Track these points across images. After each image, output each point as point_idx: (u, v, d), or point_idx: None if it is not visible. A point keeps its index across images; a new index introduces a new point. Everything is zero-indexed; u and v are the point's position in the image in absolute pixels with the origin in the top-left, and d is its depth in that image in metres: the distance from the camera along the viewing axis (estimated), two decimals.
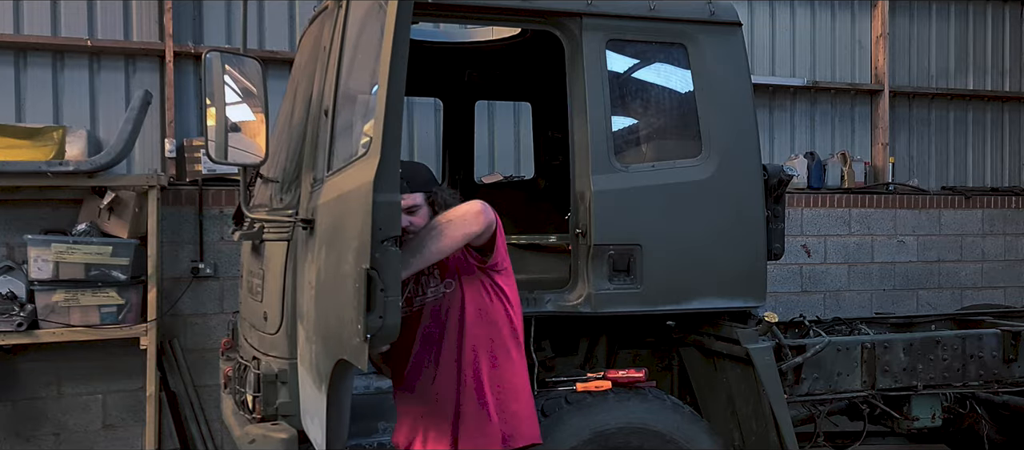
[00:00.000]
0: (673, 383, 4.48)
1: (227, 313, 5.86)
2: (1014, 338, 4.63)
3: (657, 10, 3.92)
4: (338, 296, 2.66)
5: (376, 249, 2.49)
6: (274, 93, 4.87)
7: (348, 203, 2.66)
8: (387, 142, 2.54)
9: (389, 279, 2.52)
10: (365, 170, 2.56)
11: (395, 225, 2.55)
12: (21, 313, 5.23)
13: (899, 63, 8.20)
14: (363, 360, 2.52)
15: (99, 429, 5.83)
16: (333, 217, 2.79)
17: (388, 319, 2.52)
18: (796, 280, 7.56)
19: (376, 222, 2.50)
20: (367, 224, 2.49)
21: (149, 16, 6.12)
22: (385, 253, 2.52)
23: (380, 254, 2.50)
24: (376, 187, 2.50)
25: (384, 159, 2.52)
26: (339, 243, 2.70)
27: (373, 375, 3.60)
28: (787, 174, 4.34)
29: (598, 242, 3.74)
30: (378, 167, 2.51)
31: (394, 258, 2.54)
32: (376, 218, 2.49)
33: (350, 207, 2.63)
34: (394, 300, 2.54)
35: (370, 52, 2.93)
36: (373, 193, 2.50)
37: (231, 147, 3.26)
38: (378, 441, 3.52)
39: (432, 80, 5.63)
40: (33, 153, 5.47)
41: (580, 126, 3.81)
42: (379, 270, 2.50)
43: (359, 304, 2.49)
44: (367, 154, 2.62)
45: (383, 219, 2.51)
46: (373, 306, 2.48)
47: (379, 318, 2.49)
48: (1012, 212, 8.33)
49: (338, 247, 2.71)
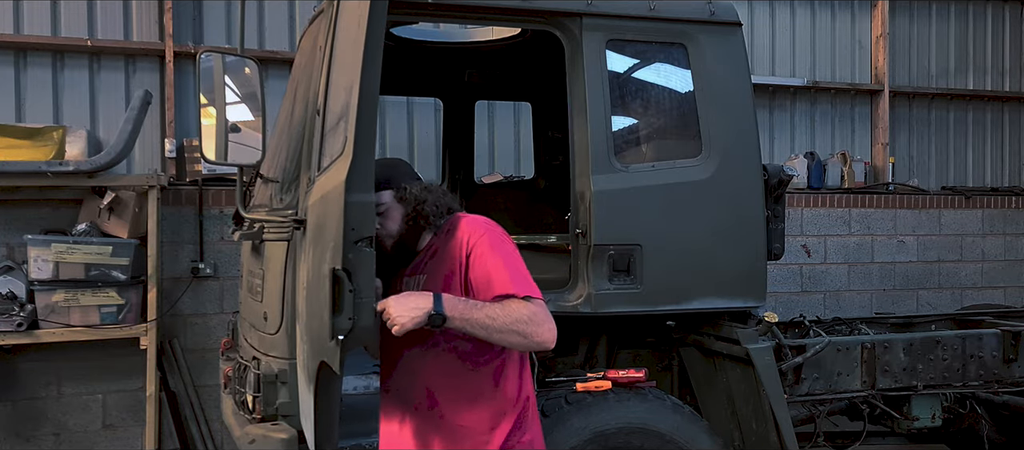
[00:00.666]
0: (673, 383, 4.47)
1: (227, 313, 5.86)
2: (1014, 338, 4.63)
3: (657, 10, 3.92)
4: (319, 296, 2.66)
5: (349, 250, 2.48)
6: (274, 93, 4.89)
7: (327, 203, 2.66)
8: (359, 142, 2.53)
9: (362, 281, 2.50)
10: (339, 170, 2.56)
11: (368, 225, 2.53)
12: (21, 313, 5.23)
13: (899, 63, 8.20)
14: (336, 362, 2.51)
15: (99, 429, 5.83)
16: (316, 217, 2.79)
17: (359, 321, 2.50)
18: (796, 280, 7.56)
19: (349, 222, 2.49)
20: (340, 224, 2.48)
21: (149, 16, 6.12)
22: (358, 254, 2.50)
23: (353, 255, 2.49)
24: (348, 187, 2.49)
25: (356, 159, 2.51)
26: (320, 243, 2.71)
27: (373, 375, 3.60)
28: (787, 174, 4.34)
29: (598, 242, 3.74)
30: (350, 167, 2.50)
31: (367, 259, 2.52)
32: (348, 218, 2.49)
33: (328, 207, 2.63)
34: (367, 302, 2.51)
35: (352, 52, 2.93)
36: (345, 193, 2.49)
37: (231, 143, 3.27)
38: (375, 441, 3.52)
39: (432, 80, 5.63)
40: (33, 153, 5.47)
41: (580, 126, 3.81)
42: (351, 271, 2.48)
43: (329, 305, 2.48)
44: (341, 154, 2.62)
45: (356, 219, 2.50)
46: (341, 308, 2.47)
47: (349, 320, 2.47)
48: (1012, 212, 8.33)
49: (320, 247, 2.71)
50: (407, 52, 5.12)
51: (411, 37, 5.10)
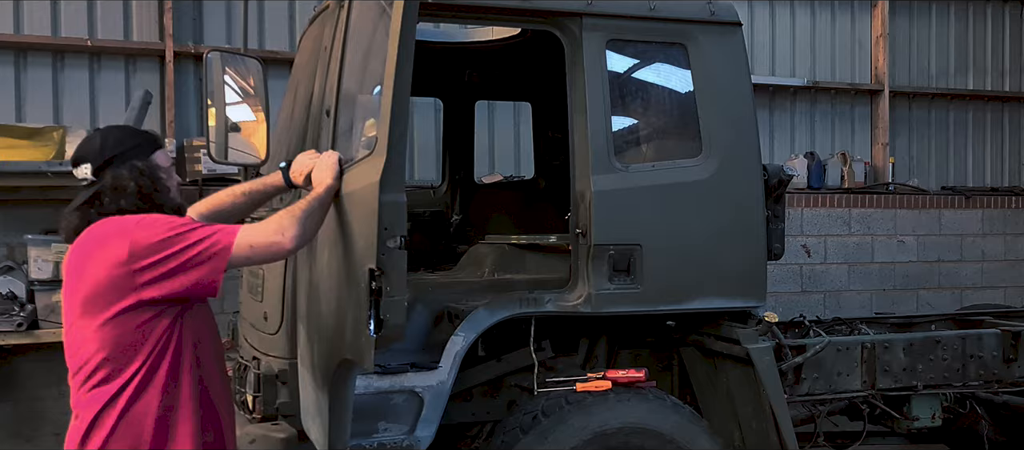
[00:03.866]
0: (673, 383, 4.47)
1: (227, 313, 5.85)
2: (1014, 338, 4.63)
3: (657, 10, 3.92)
4: (342, 296, 2.66)
5: (382, 249, 2.50)
6: (274, 93, 4.87)
7: (353, 203, 2.66)
8: (393, 142, 2.55)
9: (394, 279, 2.52)
10: (370, 170, 2.56)
11: (401, 225, 2.55)
12: (21, 313, 5.23)
13: (899, 63, 8.20)
14: (369, 360, 2.52)
15: None
16: (336, 217, 2.79)
17: (392, 319, 2.52)
18: (796, 280, 7.56)
19: (382, 222, 2.50)
20: (373, 224, 2.49)
21: (149, 16, 6.12)
22: (390, 254, 2.52)
23: (385, 254, 2.51)
24: (383, 187, 2.51)
25: (390, 159, 2.53)
26: (343, 243, 2.70)
27: (373, 375, 3.60)
28: (787, 174, 4.34)
29: (598, 242, 3.74)
30: (384, 167, 2.51)
31: (400, 259, 2.55)
32: (382, 218, 2.50)
33: (355, 207, 2.63)
34: (400, 300, 2.54)
35: (372, 53, 2.93)
36: (379, 193, 2.50)
37: (231, 147, 3.27)
38: (378, 441, 3.51)
39: (432, 80, 5.62)
40: (33, 153, 5.47)
41: (580, 126, 3.81)
42: (384, 270, 2.50)
43: (364, 304, 2.49)
44: (372, 154, 2.62)
45: (389, 219, 2.52)
46: (378, 306, 2.48)
47: (384, 318, 2.49)
48: (1012, 212, 8.33)
49: (342, 247, 2.71)
50: None
51: None
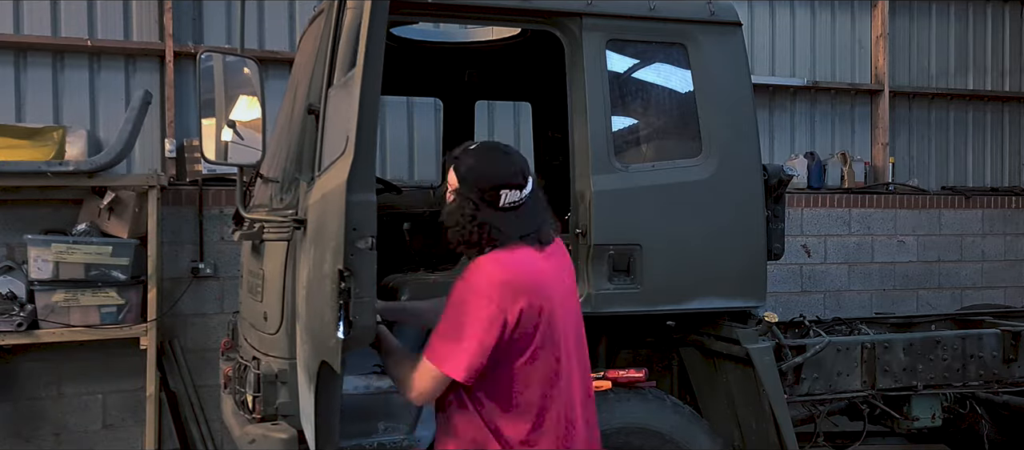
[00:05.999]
0: (673, 383, 4.48)
1: (227, 313, 5.85)
2: (1014, 338, 4.63)
3: (657, 10, 3.92)
4: (320, 296, 2.65)
5: (350, 250, 2.48)
6: (274, 93, 4.88)
7: (327, 203, 2.65)
8: (361, 142, 2.53)
9: (363, 280, 2.49)
10: (341, 170, 2.55)
11: (370, 225, 2.52)
12: (21, 313, 5.23)
13: (899, 63, 8.19)
14: (337, 361, 2.50)
15: (99, 429, 5.83)
16: (317, 216, 2.79)
17: (361, 320, 2.49)
18: (796, 280, 7.56)
19: (350, 222, 2.48)
20: (341, 224, 2.48)
21: (149, 16, 6.12)
22: (359, 254, 2.50)
23: (355, 255, 2.49)
24: (350, 187, 2.49)
25: (358, 159, 2.51)
26: (321, 243, 2.70)
27: (373, 375, 3.60)
28: (787, 174, 4.34)
29: (598, 242, 3.74)
30: (351, 167, 2.50)
31: (369, 260, 2.51)
32: (350, 218, 2.48)
33: (329, 207, 2.62)
34: (368, 301, 2.50)
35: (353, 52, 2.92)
36: (347, 193, 2.49)
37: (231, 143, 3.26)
38: (378, 441, 3.52)
39: (432, 80, 5.63)
40: (33, 153, 5.47)
41: (580, 126, 3.81)
42: (353, 271, 2.48)
43: (333, 305, 2.48)
44: (343, 154, 2.61)
45: (358, 219, 2.50)
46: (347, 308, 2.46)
47: (353, 319, 2.47)
48: (1012, 212, 8.33)
49: (320, 247, 2.70)
50: (407, 52, 5.13)
51: (411, 37, 5.11)
